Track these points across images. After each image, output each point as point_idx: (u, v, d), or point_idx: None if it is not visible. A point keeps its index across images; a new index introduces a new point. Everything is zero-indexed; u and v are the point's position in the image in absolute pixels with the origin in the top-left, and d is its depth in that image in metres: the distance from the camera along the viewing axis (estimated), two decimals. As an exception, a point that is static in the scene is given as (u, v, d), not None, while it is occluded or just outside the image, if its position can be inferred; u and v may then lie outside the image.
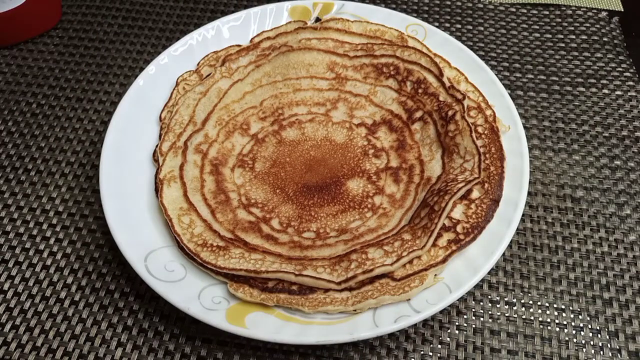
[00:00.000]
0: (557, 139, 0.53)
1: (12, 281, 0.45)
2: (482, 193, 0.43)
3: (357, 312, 0.39)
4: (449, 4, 0.66)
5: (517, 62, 0.60)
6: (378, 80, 0.52)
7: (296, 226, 0.44)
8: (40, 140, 0.54)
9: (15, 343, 0.42)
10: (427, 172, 0.46)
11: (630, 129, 0.54)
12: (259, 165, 0.48)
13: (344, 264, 0.40)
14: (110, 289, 0.44)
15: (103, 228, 0.47)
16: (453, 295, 0.38)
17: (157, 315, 0.43)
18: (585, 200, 0.49)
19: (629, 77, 0.58)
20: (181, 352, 0.41)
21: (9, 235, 0.47)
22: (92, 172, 0.51)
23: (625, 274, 0.45)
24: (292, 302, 0.39)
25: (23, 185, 0.50)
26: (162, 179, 0.45)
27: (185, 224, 0.43)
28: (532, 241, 0.47)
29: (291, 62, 0.53)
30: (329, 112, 0.52)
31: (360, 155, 0.49)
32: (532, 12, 0.65)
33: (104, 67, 0.60)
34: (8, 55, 0.61)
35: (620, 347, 0.41)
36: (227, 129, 0.50)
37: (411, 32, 0.55)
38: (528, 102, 0.56)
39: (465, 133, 0.46)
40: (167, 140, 0.48)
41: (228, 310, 0.39)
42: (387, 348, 0.41)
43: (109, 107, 0.56)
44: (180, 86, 0.52)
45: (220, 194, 0.46)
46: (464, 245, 0.40)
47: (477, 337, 0.42)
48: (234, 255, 0.41)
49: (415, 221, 0.42)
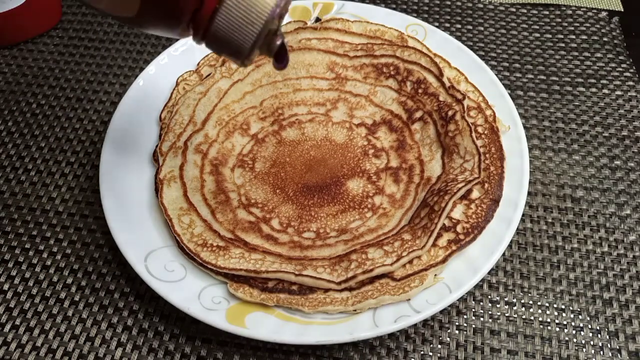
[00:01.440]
0: (557, 139, 0.53)
1: (12, 281, 0.45)
2: (482, 193, 0.43)
3: (357, 312, 0.39)
4: (449, 4, 0.66)
5: (517, 62, 0.60)
6: (378, 80, 0.52)
7: (296, 226, 0.44)
8: (40, 140, 0.54)
9: (15, 343, 0.42)
10: (427, 172, 0.46)
11: (630, 129, 0.54)
12: (259, 165, 0.48)
13: (344, 264, 0.40)
14: (110, 289, 0.44)
15: (103, 228, 0.47)
16: (453, 295, 0.38)
17: (157, 315, 0.43)
18: (585, 200, 0.49)
19: (629, 77, 0.58)
20: (181, 352, 0.41)
21: (9, 236, 0.47)
22: (92, 172, 0.51)
23: (625, 274, 0.45)
24: (292, 302, 0.39)
25: (23, 185, 0.50)
26: (162, 179, 0.45)
27: (185, 224, 0.43)
28: (532, 241, 0.47)
29: (291, 62, 0.53)
30: (329, 112, 0.52)
31: (360, 155, 0.49)
32: (532, 12, 0.65)
33: (104, 67, 0.60)
34: (8, 55, 0.61)
35: (620, 347, 0.41)
36: (227, 129, 0.50)
37: (411, 32, 0.55)
38: (528, 102, 0.56)
39: (465, 133, 0.46)
40: (167, 140, 0.48)
41: (228, 310, 0.39)
42: (387, 348, 0.41)
43: (109, 107, 0.56)
44: (180, 86, 0.52)
45: (220, 194, 0.46)
46: (464, 245, 0.40)
47: (477, 337, 0.42)
48: (234, 255, 0.41)
49: (415, 221, 0.42)
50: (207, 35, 0.29)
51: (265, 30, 0.29)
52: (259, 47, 0.30)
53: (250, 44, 0.29)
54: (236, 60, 0.31)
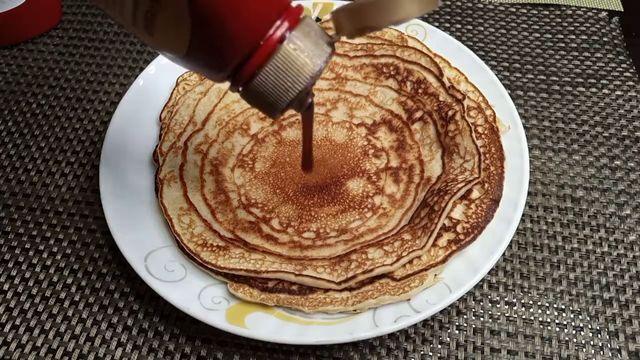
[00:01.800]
0: (557, 139, 0.53)
1: (12, 281, 0.45)
2: (482, 193, 0.43)
3: (357, 312, 0.39)
4: (449, 4, 0.66)
5: (517, 62, 0.60)
6: (378, 80, 0.52)
7: (296, 226, 0.44)
8: (40, 140, 0.54)
9: (15, 343, 0.42)
10: (427, 172, 0.46)
11: (630, 129, 0.54)
12: (259, 166, 0.49)
13: (344, 264, 0.40)
14: (110, 289, 0.44)
15: (103, 228, 0.47)
16: (453, 295, 0.38)
17: (157, 315, 0.43)
18: (585, 200, 0.49)
19: (629, 77, 0.58)
20: (181, 352, 0.41)
21: (9, 236, 0.47)
22: (92, 172, 0.51)
23: (625, 274, 0.45)
24: (292, 302, 0.39)
25: (23, 185, 0.50)
26: (162, 179, 0.45)
27: (185, 224, 0.43)
28: (532, 241, 0.47)
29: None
30: (329, 112, 0.52)
31: (360, 155, 0.49)
32: (532, 12, 0.65)
33: (104, 67, 0.60)
34: (8, 55, 0.61)
35: (620, 347, 0.41)
36: (227, 129, 0.50)
37: (411, 32, 0.55)
38: (528, 102, 0.56)
39: (465, 133, 0.46)
40: (167, 140, 0.48)
41: (228, 310, 0.39)
42: (387, 348, 0.41)
43: (109, 107, 0.56)
44: (180, 86, 0.52)
45: (220, 194, 0.46)
46: (464, 245, 0.40)
47: (477, 337, 0.42)
48: (234, 255, 0.41)
49: (415, 221, 0.42)
50: (245, 88, 0.30)
51: (303, 93, 0.30)
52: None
53: (286, 104, 0.30)
54: (267, 114, 0.31)
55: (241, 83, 0.29)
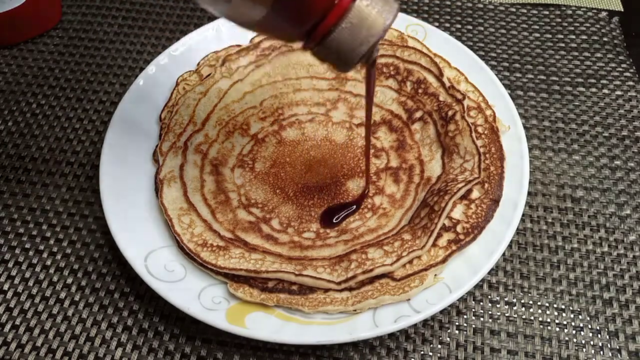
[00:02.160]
0: (557, 139, 0.53)
1: (12, 281, 0.45)
2: (482, 193, 0.43)
3: (357, 312, 0.39)
4: (449, 4, 0.66)
5: (517, 62, 0.60)
6: (378, 80, 0.52)
7: (296, 226, 0.44)
8: (40, 140, 0.54)
9: (15, 343, 0.42)
10: (427, 172, 0.46)
11: (630, 129, 0.54)
12: (259, 166, 0.49)
13: (344, 264, 0.40)
14: (110, 289, 0.44)
15: (103, 228, 0.47)
16: (453, 295, 0.38)
17: (157, 315, 0.43)
18: (585, 200, 0.49)
19: (629, 77, 0.58)
20: (181, 352, 0.41)
21: (9, 236, 0.47)
22: (92, 172, 0.51)
23: (625, 274, 0.45)
24: (292, 302, 0.39)
25: (23, 185, 0.50)
26: (162, 179, 0.45)
27: (185, 224, 0.43)
28: (532, 241, 0.47)
29: (291, 62, 0.53)
30: (329, 112, 0.52)
31: (360, 155, 0.49)
32: (532, 12, 0.65)
33: (104, 67, 0.60)
34: (8, 55, 0.61)
35: (620, 347, 0.41)
36: (227, 129, 0.50)
37: (411, 32, 0.55)
38: (528, 102, 0.56)
39: (465, 133, 0.46)
40: (167, 140, 0.48)
41: (228, 310, 0.39)
42: (387, 348, 0.41)
43: (109, 107, 0.56)
44: (180, 86, 0.52)
45: (220, 194, 0.46)
46: (464, 245, 0.40)
47: (477, 337, 0.42)
48: (234, 255, 0.41)
49: (415, 221, 0.42)
50: (320, 44, 0.31)
51: (374, 47, 0.31)
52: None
53: (359, 58, 0.31)
54: (340, 69, 0.33)
55: (317, 40, 0.31)
